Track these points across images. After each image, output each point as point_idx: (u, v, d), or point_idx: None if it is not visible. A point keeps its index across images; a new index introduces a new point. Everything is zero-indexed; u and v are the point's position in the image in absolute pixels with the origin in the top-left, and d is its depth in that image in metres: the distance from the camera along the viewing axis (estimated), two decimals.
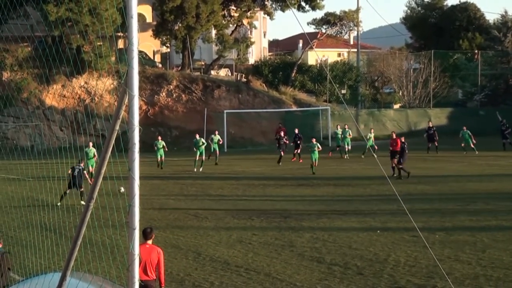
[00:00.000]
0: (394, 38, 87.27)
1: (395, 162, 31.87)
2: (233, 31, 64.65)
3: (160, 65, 64.83)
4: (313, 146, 34.87)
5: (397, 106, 69.54)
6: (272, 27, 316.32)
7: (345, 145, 42.48)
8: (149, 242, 11.67)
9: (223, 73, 65.71)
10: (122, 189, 20.70)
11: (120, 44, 56.83)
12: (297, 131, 42.44)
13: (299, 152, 40.56)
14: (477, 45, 72.81)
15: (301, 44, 78.82)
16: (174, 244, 18.47)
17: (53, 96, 55.15)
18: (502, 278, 14.46)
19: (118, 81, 52.98)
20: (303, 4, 65.00)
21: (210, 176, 34.34)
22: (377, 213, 22.54)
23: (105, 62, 51.60)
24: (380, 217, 21.73)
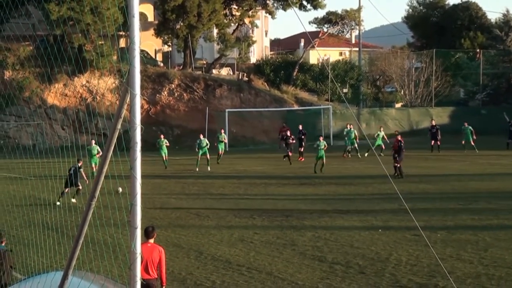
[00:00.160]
0: (395, 37, 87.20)
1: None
2: (234, 30, 64.65)
3: (161, 64, 64.86)
4: (320, 144, 34.51)
5: (398, 105, 69.50)
6: (273, 26, 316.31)
7: (348, 145, 42.32)
8: (151, 241, 11.68)
9: (224, 72, 65.73)
10: (120, 189, 20.71)
11: (122, 43, 56.90)
12: (301, 127, 42.40)
13: (302, 151, 40.47)
14: (479, 44, 72.73)
15: (302, 43, 78.81)
16: (176, 243, 18.48)
17: (54, 95, 55.18)
18: (504, 277, 14.45)
19: (120, 80, 53.00)
20: (304, 3, 64.99)
21: (211, 175, 34.34)
22: (378, 212, 22.53)
23: (106, 61, 51.61)
24: (381, 216, 21.72)
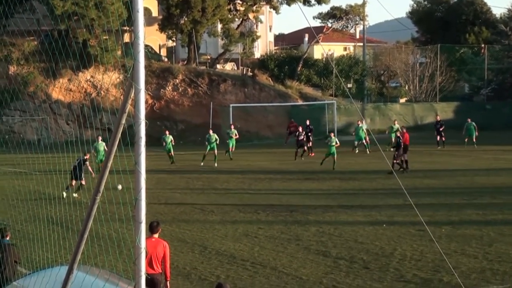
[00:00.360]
0: (400, 32, 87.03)
1: (404, 157, 31.76)
2: (239, 25, 64.58)
3: (166, 59, 64.86)
4: (332, 141, 33.93)
5: (403, 100, 69.39)
6: (278, 21, 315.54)
7: (356, 140, 42.08)
8: (155, 235, 11.69)
9: (229, 67, 65.69)
10: (120, 187, 20.72)
11: (126, 38, 56.81)
12: (308, 122, 42.30)
13: (310, 146, 40.24)
14: (483, 39, 72.55)
15: (307, 38, 78.66)
16: (180, 238, 18.51)
17: (59, 90, 55.25)
18: (508, 272, 14.44)
19: (124, 75, 53.03)
20: None
21: (216, 170, 34.35)
22: (383, 207, 22.52)
23: (111, 56, 51.59)
24: (386, 211, 21.72)
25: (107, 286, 7.62)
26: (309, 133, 41.14)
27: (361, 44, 72.79)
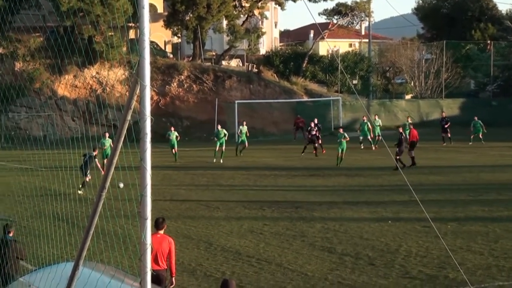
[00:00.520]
0: (405, 28, 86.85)
1: (411, 153, 31.69)
2: (244, 22, 64.55)
3: (171, 56, 64.88)
4: (340, 136, 33.72)
5: (408, 97, 69.31)
6: (283, 17, 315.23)
7: (362, 136, 41.97)
8: (161, 232, 11.71)
9: (234, 63, 65.70)
10: (121, 185, 20.72)
11: (132, 34, 56.88)
12: (316, 121, 42.13)
13: (320, 143, 39.74)
14: (489, 36, 72.37)
15: (312, 34, 78.63)
16: (186, 234, 18.53)
17: (65, 86, 55.34)
18: None
19: (130, 71, 53.08)
20: None
21: (221, 166, 34.37)
22: (388, 203, 22.50)
23: (116, 53, 51.70)
24: (391, 207, 21.70)
25: (112, 282, 7.63)
26: (309, 132, 40.90)
27: (367, 40, 72.73)
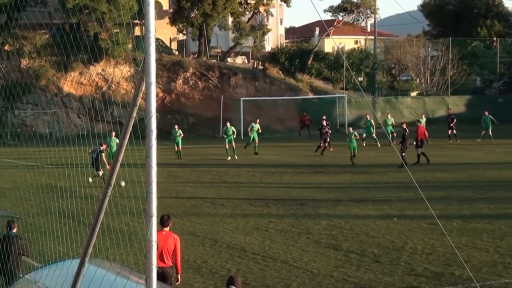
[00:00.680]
0: (411, 25, 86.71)
1: (418, 151, 31.62)
2: (249, 19, 64.51)
3: (176, 53, 64.91)
4: (350, 134, 33.53)
5: (414, 94, 69.18)
6: (288, 14, 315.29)
7: (365, 133, 41.87)
8: (166, 229, 11.72)
9: (239, 60, 65.66)
10: (123, 183, 20.67)
11: (137, 31, 56.95)
12: (325, 118, 41.96)
13: (328, 141, 39.50)
14: (495, 33, 72.15)
15: (317, 31, 78.51)
16: (191, 231, 18.54)
17: (70, 83, 55.44)
18: None
19: (135, 69, 53.11)
20: None
21: (226, 164, 34.39)
22: (394, 200, 22.47)
23: (122, 50, 51.71)
24: (397, 205, 21.67)
25: (118, 280, 7.64)
26: (320, 130, 40.73)
27: (372, 37, 72.57)
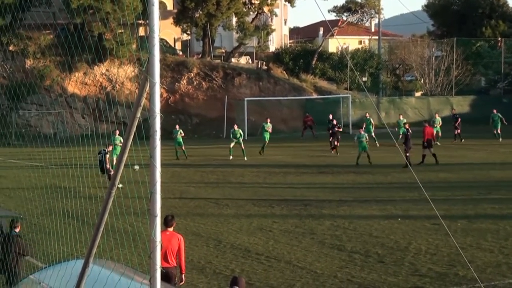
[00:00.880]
0: (416, 25, 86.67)
1: (424, 151, 31.58)
2: (253, 19, 64.51)
3: (180, 53, 64.94)
4: (361, 136, 33.09)
5: (418, 94, 69.07)
6: (292, 14, 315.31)
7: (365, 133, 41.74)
8: (170, 229, 11.73)
9: (243, 60, 65.66)
10: (137, 167, 20.62)
11: (141, 31, 57.01)
12: (331, 116, 41.82)
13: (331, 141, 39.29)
14: (500, 33, 72.01)
15: (321, 31, 78.50)
16: (195, 232, 18.55)
17: (75, 83, 55.50)
18: None
19: (139, 69, 53.14)
20: None
21: (230, 164, 34.38)
22: (398, 200, 22.45)
23: (126, 50, 51.78)
24: (401, 205, 21.65)
25: (122, 280, 7.64)
26: (331, 129, 40.61)
27: (376, 37, 72.54)
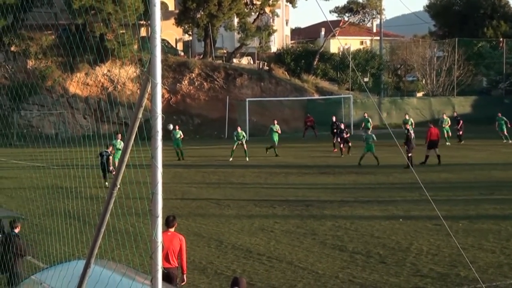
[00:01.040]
0: (417, 26, 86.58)
1: (427, 151, 31.58)
2: (255, 19, 64.50)
3: (182, 53, 64.95)
4: (369, 138, 32.86)
5: (420, 94, 69.05)
6: (294, 15, 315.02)
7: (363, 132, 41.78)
8: (171, 230, 11.74)
9: (245, 61, 65.66)
10: (171, 126, 20.36)
11: (143, 32, 57.03)
12: (334, 119, 41.74)
13: (335, 142, 39.21)
14: (502, 33, 71.98)
15: (323, 32, 78.50)
16: (196, 232, 18.56)
17: (76, 84, 55.53)
18: None
19: (141, 69, 53.18)
20: None
21: (232, 165, 34.39)
22: (399, 201, 22.45)
23: (128, 50, 51.79)
24: (402, 205, 21.64)
25: (124, 280, 7.65)
26: (335, 130, 40.51)
27: (378, 38, 72.49)
